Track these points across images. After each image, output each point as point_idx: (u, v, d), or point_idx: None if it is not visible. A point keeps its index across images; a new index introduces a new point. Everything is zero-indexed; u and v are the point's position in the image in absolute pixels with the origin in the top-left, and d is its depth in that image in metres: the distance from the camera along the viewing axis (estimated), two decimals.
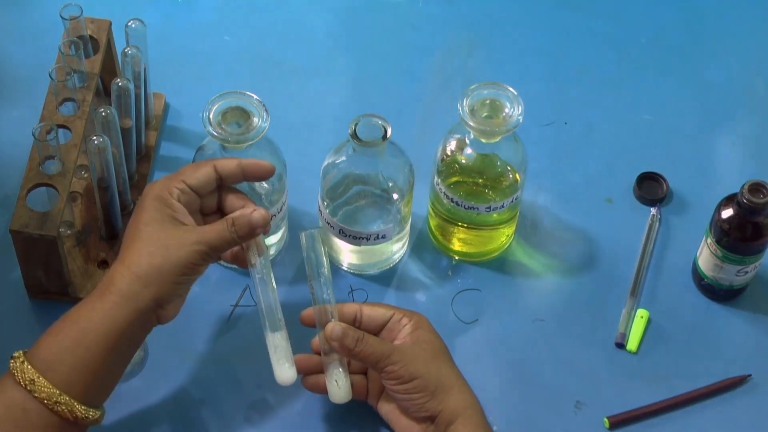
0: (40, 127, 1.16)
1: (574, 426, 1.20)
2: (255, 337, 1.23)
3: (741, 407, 1.21)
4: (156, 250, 1.06)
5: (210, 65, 1.43)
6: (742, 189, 1.19)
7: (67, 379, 1.03)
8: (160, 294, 1.06)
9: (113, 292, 1.05)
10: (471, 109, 1.18)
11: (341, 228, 1.23)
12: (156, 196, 1.09)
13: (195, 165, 1.12)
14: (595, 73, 1.45)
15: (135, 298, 1.05)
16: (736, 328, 1.27)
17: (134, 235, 1.08)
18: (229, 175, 1.12)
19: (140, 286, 1.06)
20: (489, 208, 1.23)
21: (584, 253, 1.31)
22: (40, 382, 1.02)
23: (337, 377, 1.13)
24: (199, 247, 1.07)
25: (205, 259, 1.08)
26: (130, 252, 1.07)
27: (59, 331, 1.05)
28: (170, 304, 1.08)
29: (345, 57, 1.45)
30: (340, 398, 1.14)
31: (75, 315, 1.06)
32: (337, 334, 1.10)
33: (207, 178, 1.11)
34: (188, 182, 1.10)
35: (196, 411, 1.19)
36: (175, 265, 1.06)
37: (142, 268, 1.06)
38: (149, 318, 1.07)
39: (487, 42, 1.47)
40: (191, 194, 1.11)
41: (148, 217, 1.08)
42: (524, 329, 1.26)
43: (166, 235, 1.07)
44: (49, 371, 1.03)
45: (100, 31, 1.28)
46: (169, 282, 1.06)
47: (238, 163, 1.12)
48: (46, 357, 1.03)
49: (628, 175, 1.36)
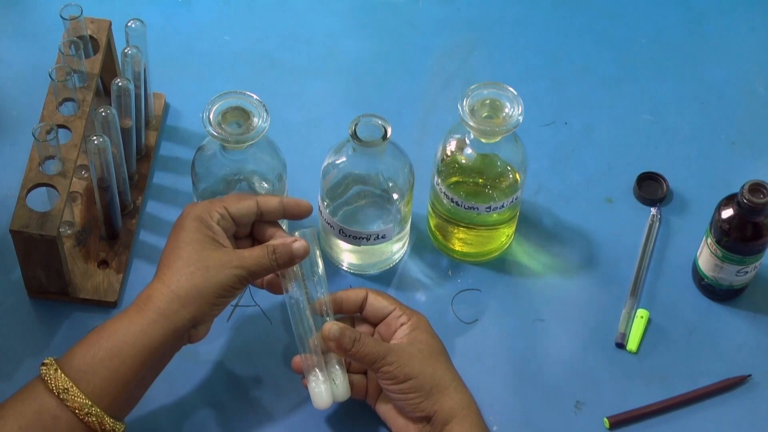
0: (40, 127, 1.17)
1: (574, 426, 1.20)
2: (255, 337, 1.23)
3: (741, 407, 1.21)
4: (197, 270, 1.08)
5: (210, 65, 1.43)
6: (742, 189, 1.19)
7: (99, 391, 1.04)
8: (197, 314, 1.08)
9: (151, 309, 1.07)
10: (471, 109, 1.18)
11: (341, 228, 1.23)
12: (197, 217, 1.11)
13: (238, 195, 1.15)
14: (595, 73, 1.45)
15: (173, 317, 1.07)
16: (736, 328, 1.27)
17: (174, 254, 1.09)
18: (270, 212, 1.15)
19: (179, 306, 1.07)
20: (489, 208, 1.23)
21: (584, 253, 1.31)
22: (73, 392, 1.03)
23: (335, 376, 1.13)
24: (238, 271, 1.09)
25: (242, 283, 1.10)
26: (171, 271, 1.09)
27: (94, 343, 1.06)
28: (203, 324, 1.11)
29: (345, 57, 1.45)
30: (340, 397, 1.14)
31: (111, 328, 1.07)
32: (334, 334, 1.11)
33: (248, 210, 1.14)
34: (230, 210, 1.13)
35: (196, 411, 1.19)
36: (215, 286, 1.08)
37: (182, 287, 1.07)
38: (182, 337, 1.09)
39: (487, 42, 1.47)
40: (230, 221, 1.13)
41: (189, 237, 1.10)
42: (524, 329, 1.26)
43: (207, 256, 1.09)
44: (82, 381, 1.04)
45: (100, 31, 1.28)
46: (206, 303, 1.08)
47: (279, 201, 1.15)
48: (80, 367, 1.05)
49: (628, 175, 1.36)
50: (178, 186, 1.33)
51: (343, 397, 1.14)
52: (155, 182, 1.34)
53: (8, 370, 1.20)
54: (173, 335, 1.08)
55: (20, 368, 1.20)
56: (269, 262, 1.11)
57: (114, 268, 1.26)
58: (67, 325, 1.23)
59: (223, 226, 1.12)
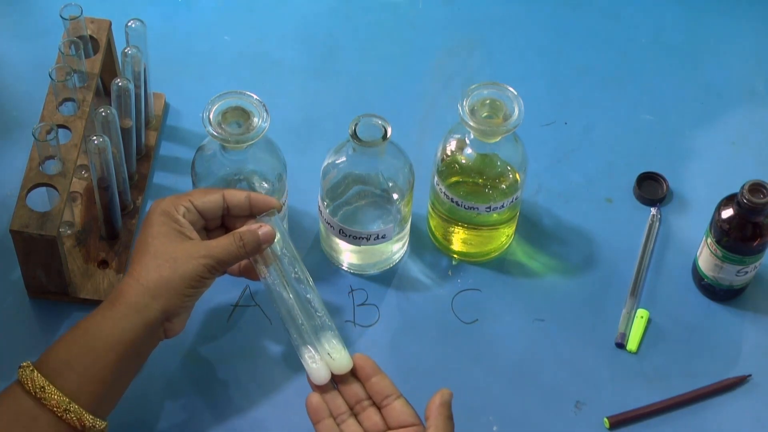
0: (40, 127, 1.17)
1: (574, 426, 1.20)
2: (255, 337, 1.23)
3: (741, 407, 1.21)
4: (164, 262, 1.09)
5: (210, 65, 1.43)
6: (742, 189, 1.19)
7: (76, 387, 1.04)
8: (168, 306, 1.08)
9: (123, 303, 1.07)
10: (471, 109, 1.18)
11: (341, 228, 1.23)
12: (163, 211, 1.11)
13: (205, 189, 1.15)
14: (595, 73, 1.45)
15: (144, 309, 1.07)
16: (736, 328, 1.27)
17: (143, 248, 1.10)
18: (237, 206, 1.15)
19: (149, 298, 1.08)
20: (489, 208, 1.23)
21: (584, 253, 1.31)
22: (50, 390, 1.03)
23: (331, 349, 1.10)
24: (206, 260, 1.09)
25: (212, 273, 1.10)
26: (139, 265, 1.09)
27: (68, 340, 1.06)
28: (177, 317, 1.11)
29: (345, 57, 1.45)
30: (338, 368, 1.10)
31: (85, 324, 1.07)
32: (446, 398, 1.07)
33: (214, 204, 1.14)
34: (195, 203, 1.13)
35: (195, 411, 1.19)
36: (183, 277, 1.09)
37: (151, 280, 1.08)
38: (157, 330, 1.09)
39: (487, 42, 1.47)
40: (196, 214, 1.13)
41: (156, 231, 1.10)
42: (524, 329, 1.26)
43: (174, 248, 1.09)
44: (58, 378, 1.04)
45: (100, 31, 1.28)
46: (177, 294, 1.09)
47: (246, 196, 1.14)
48: (55, 365, 1.04)
49: (628, 175, 1.36)
50: (178, 186, 1.33)
51: (342, 369, 1.10)
52: (155, 182, 1.34)
53: (8, 370, 1.20)
54: (145, 329, 1.07)
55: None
56: (237, 249, 1.11)
57: (114, 268, 1.26)
58: (67, 325, 1.23)
59: (189, 219, 1.12)
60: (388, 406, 1.08)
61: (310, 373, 1.10)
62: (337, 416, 1.09)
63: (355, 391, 1.10)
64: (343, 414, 1.09)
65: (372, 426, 1.08)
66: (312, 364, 1.10)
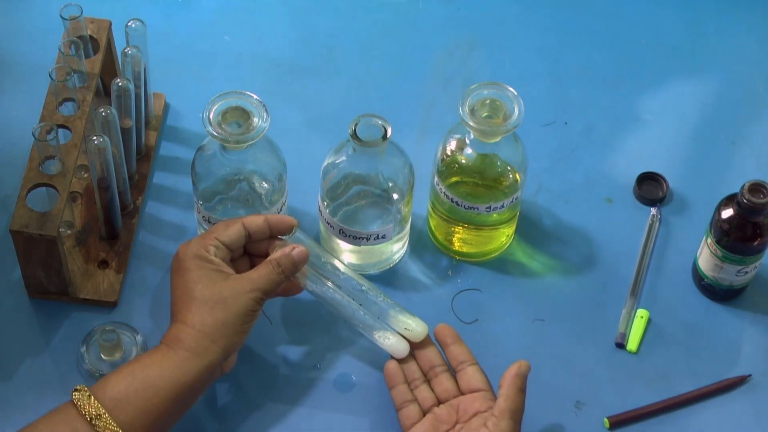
0: (40, 127, 1.17)
1: (574, 426, 1.20)
2: (255, 337, 1.23)
3: (741, 407, 1.21)
4: (215, 305, 1.10)
5: (210, 65, 1.43)
6: (742, 189, 1.19)
7: (131, 420, 1.05)
8: (228, 346, 1.10)
9: (183, 348, 1.09)
10: (471, 109, 1.18)
11: (341, 228, 1.23)
12: (195, 255, 1.13)
13: (225, 223, 1.16)
14: (595, 73, 1.45)
15: (205, 353, 1.09)
16: (736, 328, 1.27)
17: (187, 295, 1.11)
18: (257, 231, 1.16)
19: (209, 342, 1.09)
20: (489, 208, 1.23)
21: (584, 253, 1.31)
22: (105, 419, 1.04)
23: (405, 323, 1.16)
24: (254, 294, 1.11)
25: (260, 304, 1.13)
26: (190, 312, 1.10)
27: (129, 373, 1.07)
28: (235, 352, 1.13)
29: (345, 57, 1.45)
30: (418, 336, 1.17)
31: (147, 360, 1.08)
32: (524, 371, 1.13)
33: (238, 235, 1.15)
34: (221, 239, 1.14)
35: (195, 411, 1.18)
36: (237, 315, 1.10)
37: (207, 324, 1.09)
38: (216, 370, 1.11)
39: (487, 42, 1.47)
40: (224, 250, 1.14)
41: (196, 276, 1.11)
42: (524, 329, 1.26)
43: (220, 289, 1.11)
44: (115, 410, 1.05)
45: (100, 31, 1.28)
46: (234, 333, 1.10)
47: (264, 220, 1.16)
48: (114, 395, 1.05)
49: (628, 175, 1.36)
50: (178, 186, 1.33)
51: (419, 336, 1.16)
52: (155, 182, 1.34)
53: (8, 370, 1.20)
54: (207, 370, 1.09)
55: (20, 368, 1.20)
56: (278, 276, 1.13)
57: (114, 268, 1.26)
58: (67, 325, 1.23)
59: (220, 257, 1.14)
60: (462, 371, 1.15)
61: (389, 349, 1.15)
62: (411, 381, 1.15)
63: (429, 357, 1.17)
64: (417, 380, 1.16)
65: (443, 392, 1.15)
66: (386, 341, 1.16)
